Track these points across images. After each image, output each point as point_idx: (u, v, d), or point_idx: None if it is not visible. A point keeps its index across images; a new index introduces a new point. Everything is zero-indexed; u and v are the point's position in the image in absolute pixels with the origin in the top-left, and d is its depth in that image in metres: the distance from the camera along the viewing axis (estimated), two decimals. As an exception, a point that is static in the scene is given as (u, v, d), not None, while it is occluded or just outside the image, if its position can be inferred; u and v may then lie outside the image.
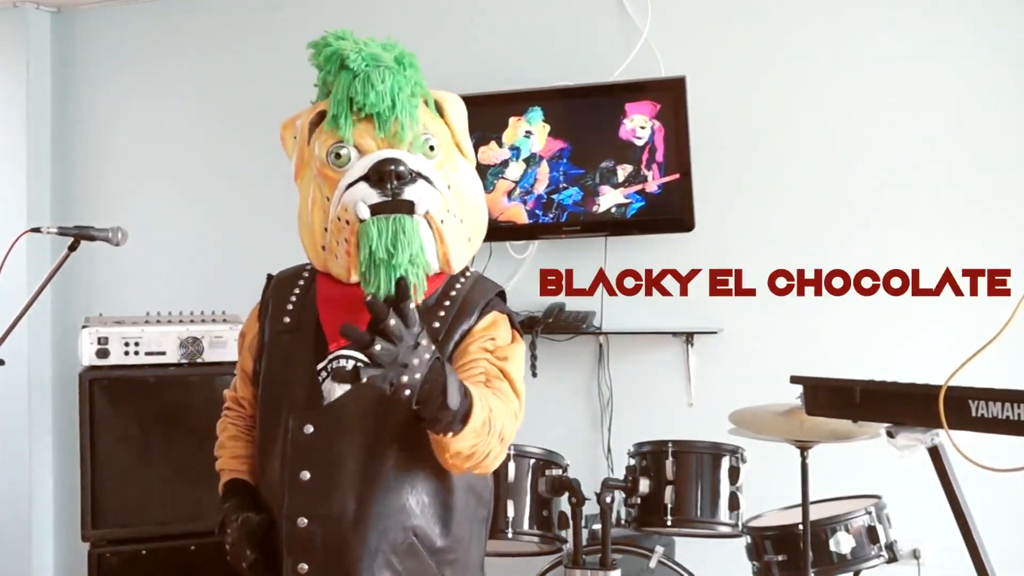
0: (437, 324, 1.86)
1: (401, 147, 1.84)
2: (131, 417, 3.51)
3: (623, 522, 3.12)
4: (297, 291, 1.96)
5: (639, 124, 3.67)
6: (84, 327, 3.52)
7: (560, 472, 3.11)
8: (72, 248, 2.80)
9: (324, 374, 1.86)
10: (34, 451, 4.50)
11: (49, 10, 4.66)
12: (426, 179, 1.83)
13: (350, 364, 1.82)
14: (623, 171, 3.71)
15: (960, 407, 1.98)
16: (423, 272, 1.81)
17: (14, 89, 4.59)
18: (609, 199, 3.74)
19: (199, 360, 3.53)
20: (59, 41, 4.68)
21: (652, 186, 3.68)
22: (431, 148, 1.87)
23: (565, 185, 3.78)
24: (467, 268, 1.96)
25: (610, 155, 3.71)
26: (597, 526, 3.09)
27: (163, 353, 3.54)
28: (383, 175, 1.79)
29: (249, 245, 4.33)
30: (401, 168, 1.79)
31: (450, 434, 1.66)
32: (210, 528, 1.96)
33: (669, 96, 3.62)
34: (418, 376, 1.56)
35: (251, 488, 1.96)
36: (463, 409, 1.64)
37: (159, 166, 4.55)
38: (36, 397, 4.52)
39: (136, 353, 3.51)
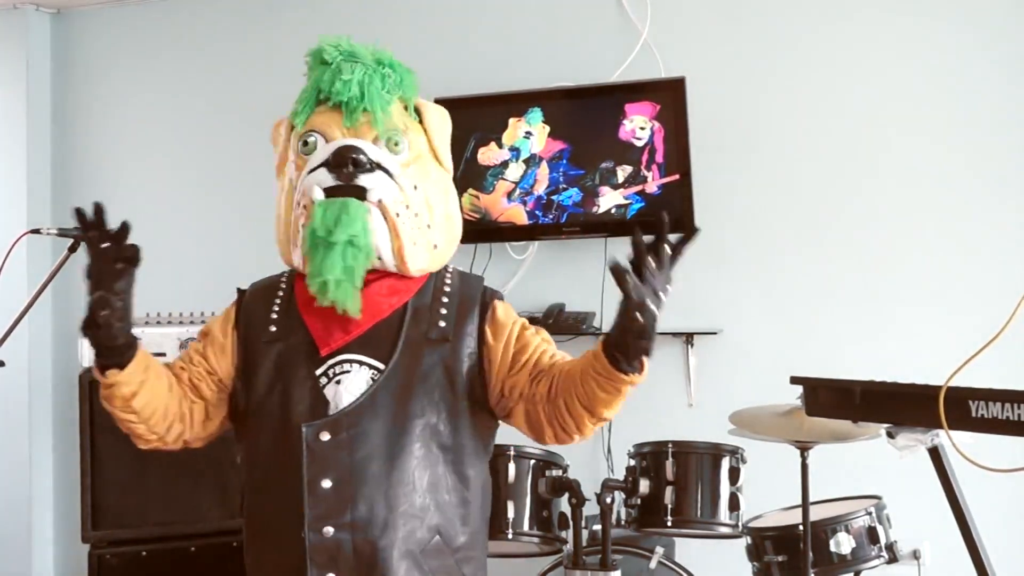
0: (443, 323, 1.87)
1: (366, 138, 1.86)
2: (131, 418, 3.51)
3: (623, 523, 3.11)
4: (279, 300, 1.93)
5: (639, 125, 3.66)
6: (84, 328, 3.51)
7: (560, 473, 3.10)
8: (72, 249, 2.79)
9: (324, 380, 1.84)
10: (34, 452, 4.50)
11: (49, 11, 4.66)
12: (385, 171, 1.84)
13: (357, 367, 1.83)
14: (623, 172, 3.71)
15: (960, 407, 1.98)
16: (364, 256, 1.80)
17: (14, 90, 4.59)
18: (609, 200, 3.74)
19: (199, 361, 3.52)
20: (59, 42, 4.68)
21: (652, 187, 3.68)
22: (396, 144, 1.87)
23: (565, 186, 3.78)
24: (447, 267, 1.98)
25: (610, 156, 3.71)
26: (597, 527, 3.08)
27: (163, 354, 3.52)
28: (341, 161, 1.81)
29: (250, 246, 4.31)
30: (360, 156, 1.81)
31: (633, 374, 1.79)
32: (211, 530, 1.93)
33: (669, 97, 3.61)
34: (658, 310, 1.66)
35: None
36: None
37: (159, 167, 4.55)
38: (36, 398, 4.52)
39: (136, 354, 3.50)
